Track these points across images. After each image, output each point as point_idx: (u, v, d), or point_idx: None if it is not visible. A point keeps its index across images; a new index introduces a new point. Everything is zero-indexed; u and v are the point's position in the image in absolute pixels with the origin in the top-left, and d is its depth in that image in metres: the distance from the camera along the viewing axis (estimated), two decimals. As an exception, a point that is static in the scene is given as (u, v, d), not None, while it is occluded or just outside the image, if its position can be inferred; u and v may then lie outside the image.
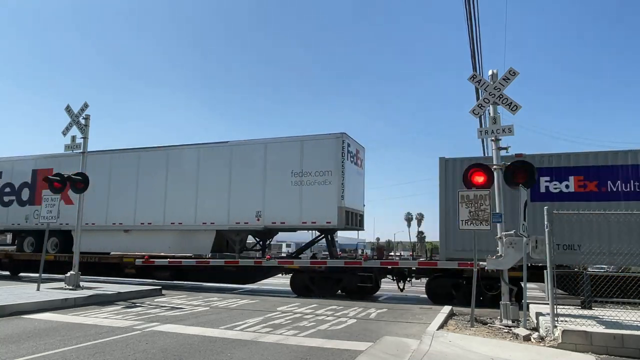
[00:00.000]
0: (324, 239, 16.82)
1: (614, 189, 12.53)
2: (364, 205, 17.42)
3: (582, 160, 12.93)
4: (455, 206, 12.81)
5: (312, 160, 15.46)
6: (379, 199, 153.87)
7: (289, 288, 16.15)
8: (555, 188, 12.96)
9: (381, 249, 18.69)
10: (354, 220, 16.27)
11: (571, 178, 12.89)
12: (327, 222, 15.09)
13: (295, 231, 17.75)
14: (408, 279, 14.89)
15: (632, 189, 12.39)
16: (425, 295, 14.43)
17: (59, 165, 18.54)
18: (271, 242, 20.79)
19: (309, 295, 14.77)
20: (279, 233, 18.82)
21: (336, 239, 18.31)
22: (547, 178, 13.04)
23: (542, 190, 12.99)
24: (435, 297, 13.69)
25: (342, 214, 14.97)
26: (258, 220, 15.85)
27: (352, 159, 16.01)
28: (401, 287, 14.93)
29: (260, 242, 18.34)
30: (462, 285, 13.22)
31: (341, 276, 14.83)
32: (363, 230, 17.18)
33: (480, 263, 9.58)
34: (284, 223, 15.80)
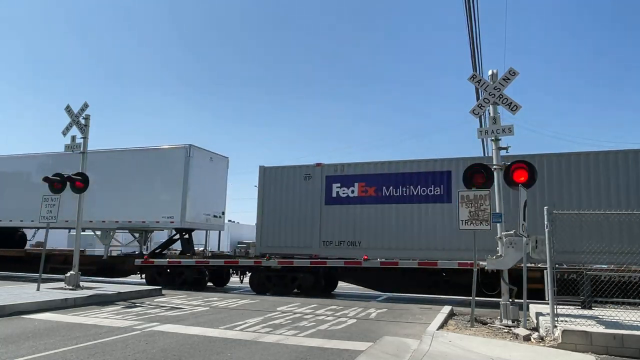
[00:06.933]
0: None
1: (387, 194, 15.03)
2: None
3: (365, 169, 15.44)
4: (270, 209, 16.29)
5: None
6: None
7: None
8: (344, 193, 15.61)
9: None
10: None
11: (356, 184, 15.50)
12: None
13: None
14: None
15: (401, 194, 14.90)
16: (426, 295, 14.58)
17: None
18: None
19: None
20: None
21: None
22: (338, 184, 15.69)
23: (334, 195, 15.70)
24: (255, 286, 15.87)
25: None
26: None
27: None
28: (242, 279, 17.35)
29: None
30: (273, 277, 15.56)
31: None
32: None
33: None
34: None
